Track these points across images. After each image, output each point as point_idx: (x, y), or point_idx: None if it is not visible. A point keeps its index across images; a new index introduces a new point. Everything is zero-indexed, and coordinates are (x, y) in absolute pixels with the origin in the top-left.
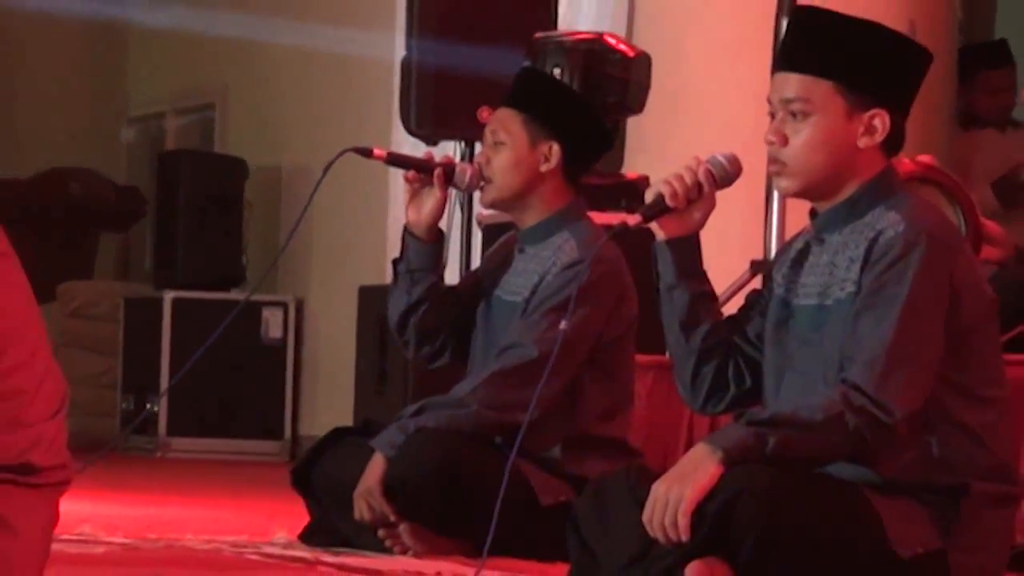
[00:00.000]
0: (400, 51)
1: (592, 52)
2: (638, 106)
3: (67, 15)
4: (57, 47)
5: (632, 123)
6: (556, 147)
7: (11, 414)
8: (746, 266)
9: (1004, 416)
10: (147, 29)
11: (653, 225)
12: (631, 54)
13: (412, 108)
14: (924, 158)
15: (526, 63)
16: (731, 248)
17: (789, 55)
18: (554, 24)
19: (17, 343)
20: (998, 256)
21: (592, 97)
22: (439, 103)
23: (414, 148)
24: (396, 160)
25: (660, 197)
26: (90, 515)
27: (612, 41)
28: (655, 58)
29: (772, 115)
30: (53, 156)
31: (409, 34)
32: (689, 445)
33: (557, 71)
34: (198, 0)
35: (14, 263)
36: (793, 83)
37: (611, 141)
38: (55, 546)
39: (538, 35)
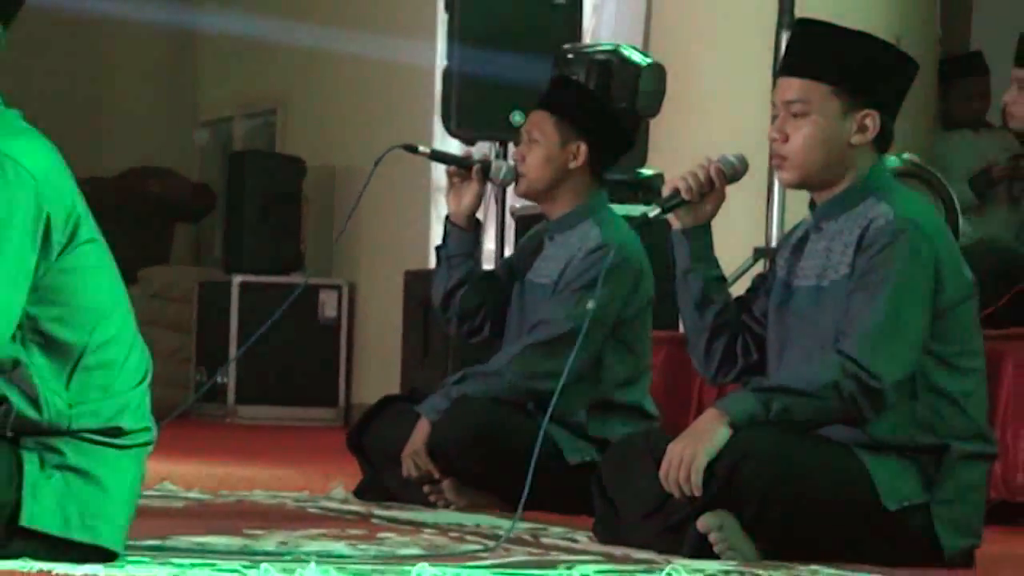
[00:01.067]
0: (439, 59)
1: (606, 62)
2: (651, 111)
3: (148, 28)
4: (139, 59)
5: (652, 125)
6: (583, 146)
7: (102, 383)
8: (750, 252)
9: (981, 384)
10: (217, 41)
11: (670, 216)
12: (642, 64)
13: (452, 112)
14: (908, 155)
15: (555, 72)
16: (737, 236)
17: (791, 62)
18: (579, 36)
19: (106, 320)
20: None
21: (612, 102)
22: (476, 107)
23: (454, 148)
24: (438, 156)
25: (676, 191)
26: (171, 473)
27: (626, 52)
28: (670, 68)
29: (775, 115)
30: (135, 156)
31: (450, 45)
32: (699, 410)
33: (574, 79)
34: (263, 12)
35: (104, 250)
36: (794, 86)
37: (632, 141)
38: (141, 500)
39: (565, 47)
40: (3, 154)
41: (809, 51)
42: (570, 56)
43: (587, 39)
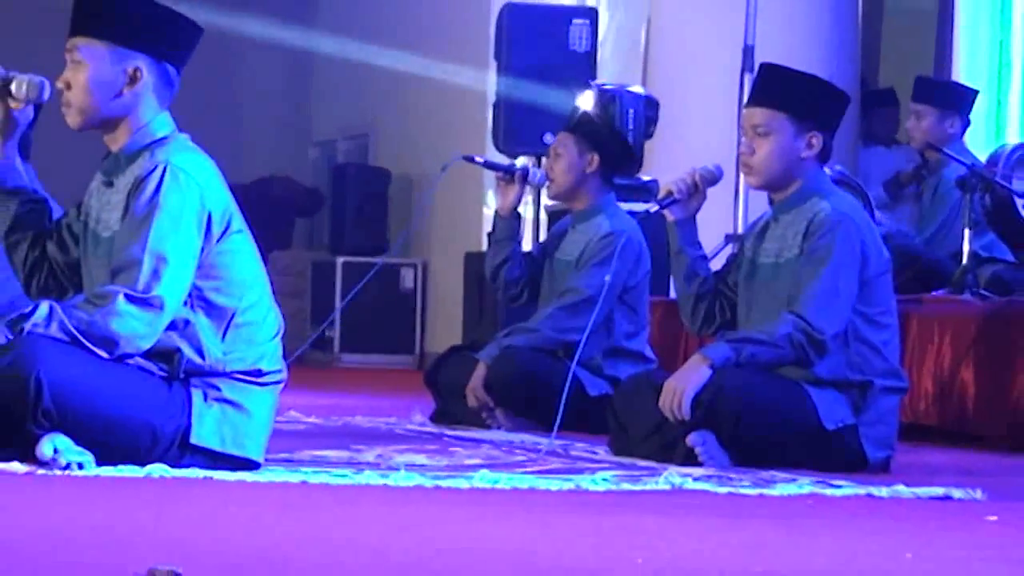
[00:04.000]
0: (490, 92)
1: (620, 97)
2: (649, 134)
3: (276, 64)
4: (268, 94)
5: (650, 143)
6: (596, 157)
7: (248, 337)
8: (723, 237)
9: (895, 336)
10: (326, 80)
11: (665, 211)
12: (645, 98)
13: (500, 132)
14: (838, 167)
15: (577, 104)
16: (713, 225)
17: (757, 95)
18: (595, 75)
19: (250, 290)
20: None
21: (618, 126)
22: (518, 129)
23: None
24: (490, 165)
25: (669, 193)
26: (295, 404)
27: (633, 90)
28: (663, 99)
29: (744, 136)
30: (264, 167)
31: (498, 81)
32: (686, 356)
33: (590, 109)
34: (361, 55)
35: (249, 238)
36: (759, 114)
37: (633, 155)
38: (275, 424)
39: (591, 83)
40: (178, 167)
41: (771, 87)
42: (592, 92)
43: (600, 76)
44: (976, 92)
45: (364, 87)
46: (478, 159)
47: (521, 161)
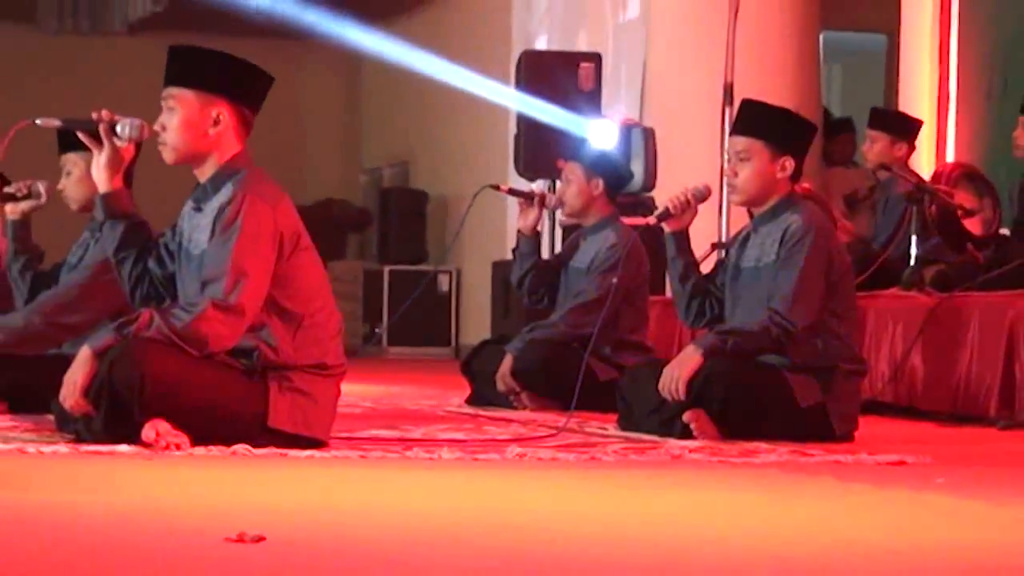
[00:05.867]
0: (511, 126)
1: (637, 131)
2: (651, 161)
3: (331, 100)
4: (324, 126)
5: None
6: (601, 182)
7: (315, 334)
8: (709, 245)
9: (856, 327)
10: (374, 118)
11: (663, 224)
12: (643, 130)
13: (520, 160)
14: (806, 184)
15: (585, 136)
16: (702, 235)
17: (738, 125)
18: (600, 110)
19: (318, 295)
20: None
21: (635, 155)
22: (535, 158)
23: (522, 184)
24: (513, 192)
25: (666, 208)
26: (352, 391)
27: (632, 121)
28: (657, 128)
29: (728, 161)
30: (323, 191)
31: (518, 117)
32: (680, 347)
33: (592, 140)
34: (406, 88)
35: (314, 252)
36: (740, 142)
37: (632, 177)
38: (337, 409)
39: (608, 118)
40: (255, 195)
41: (750, 119)
42: (613, 126)
43: (605, 111)
44: (921, 122)
45: (405, 123)
46: (503, 188)
47: (538, 184)
